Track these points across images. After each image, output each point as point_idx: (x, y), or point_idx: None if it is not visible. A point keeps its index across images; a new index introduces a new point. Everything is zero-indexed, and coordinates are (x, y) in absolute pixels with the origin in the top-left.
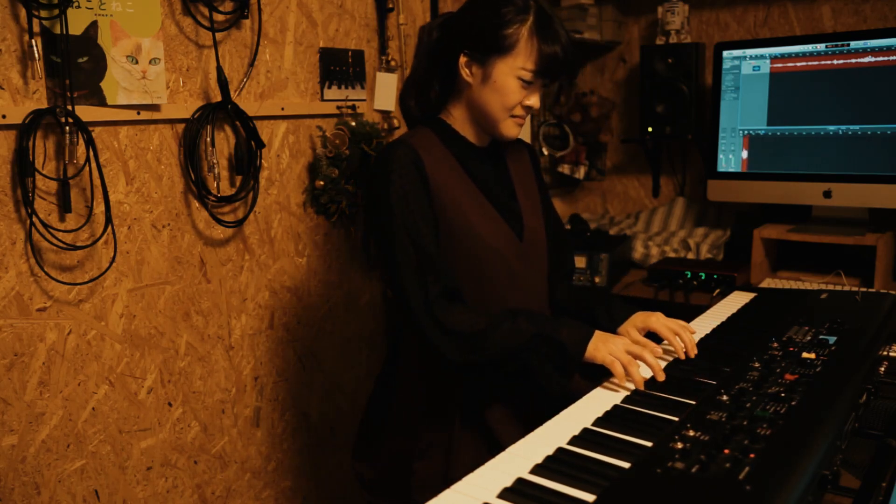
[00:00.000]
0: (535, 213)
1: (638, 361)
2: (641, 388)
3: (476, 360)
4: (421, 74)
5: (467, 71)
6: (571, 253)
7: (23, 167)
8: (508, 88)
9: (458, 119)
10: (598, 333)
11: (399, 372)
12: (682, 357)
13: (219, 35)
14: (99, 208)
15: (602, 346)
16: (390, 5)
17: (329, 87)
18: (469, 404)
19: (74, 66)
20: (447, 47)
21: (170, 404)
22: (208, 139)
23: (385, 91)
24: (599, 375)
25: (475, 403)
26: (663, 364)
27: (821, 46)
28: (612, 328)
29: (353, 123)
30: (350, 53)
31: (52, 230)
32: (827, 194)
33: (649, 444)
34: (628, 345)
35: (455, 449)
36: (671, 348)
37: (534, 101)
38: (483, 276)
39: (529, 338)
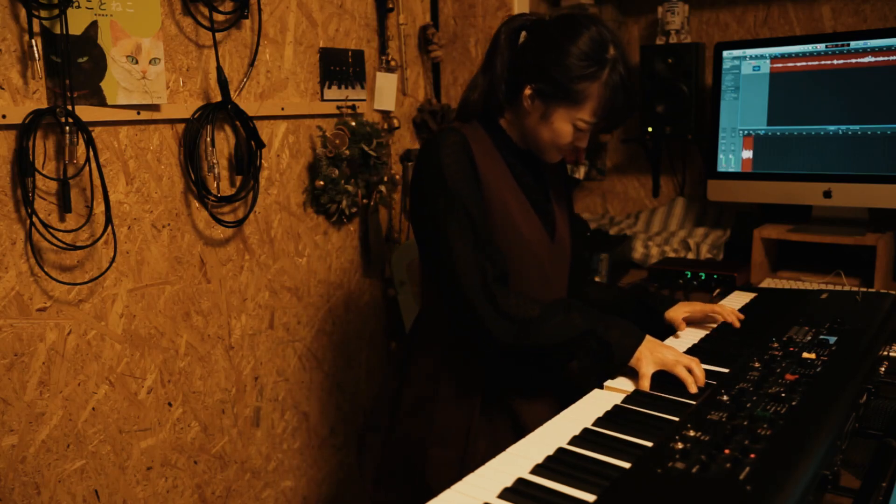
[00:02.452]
0: (563, 219)
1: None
2: (694, 390)
3: (523, 346)
4: (495, 74)
5: (529, 102)
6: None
7: (23, 167)
8: (563, 132)
9: (509, 124)
10: (647, 339)
11: (414, 359)
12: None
13: (219, 35)
14: (99, 208)
15: (649, 355)
16: (390, 5)
17: (329, 87)
18: (491, 392)
19: (74, 66)
20: (518, 67)
21: (170, 404)
22: (208, 139)
23: (385, 91)
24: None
25: (497, 391)
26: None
27: (821, 46)
28: (663, 310)
29: (353, 123)
30: (350, 53)
31: (52, 230)
32: (827, 194)
33: (649, 444)
34: (678, 355)
35: (473, 436)
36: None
37: (583, 142)
38: (516, 269)
39: (580, 333)
